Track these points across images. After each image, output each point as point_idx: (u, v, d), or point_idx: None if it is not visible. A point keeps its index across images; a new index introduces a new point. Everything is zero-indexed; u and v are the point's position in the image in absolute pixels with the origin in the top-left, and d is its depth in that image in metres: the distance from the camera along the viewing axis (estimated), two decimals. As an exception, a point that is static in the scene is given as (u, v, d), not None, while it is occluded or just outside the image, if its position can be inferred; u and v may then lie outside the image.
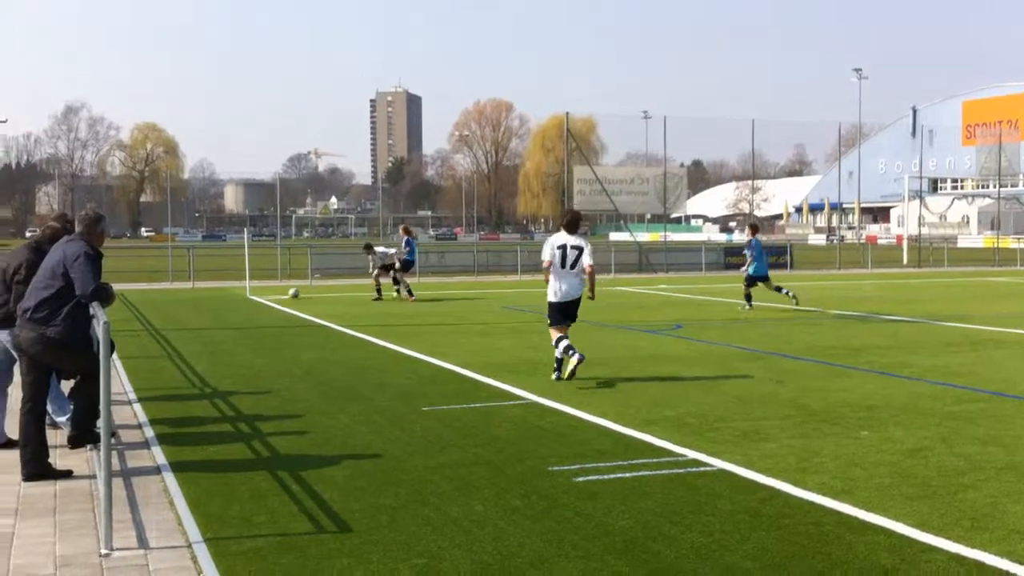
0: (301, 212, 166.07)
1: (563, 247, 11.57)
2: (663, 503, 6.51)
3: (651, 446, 8.16)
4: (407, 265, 25.12)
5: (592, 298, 11.79)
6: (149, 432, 8.89)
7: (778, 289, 21.65)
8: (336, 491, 6.87)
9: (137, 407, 10.08)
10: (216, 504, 6.58)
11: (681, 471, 7.34)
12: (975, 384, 11.17)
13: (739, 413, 9.52)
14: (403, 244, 25.41)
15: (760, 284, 21.40)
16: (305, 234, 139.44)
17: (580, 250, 11.58)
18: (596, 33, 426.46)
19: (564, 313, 11.61)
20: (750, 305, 21.15)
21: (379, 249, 25.85)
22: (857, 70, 77.36)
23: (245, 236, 30.32)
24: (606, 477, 7.16)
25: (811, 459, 7.67)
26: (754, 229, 22.32)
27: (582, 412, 9.56)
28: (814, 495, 6.67)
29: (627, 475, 7.22)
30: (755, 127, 44.32)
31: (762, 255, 21.50)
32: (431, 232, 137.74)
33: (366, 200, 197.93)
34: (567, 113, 42.51)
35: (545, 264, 11.68)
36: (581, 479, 7.11)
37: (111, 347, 6.34)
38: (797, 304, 21.47)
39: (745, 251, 21.79)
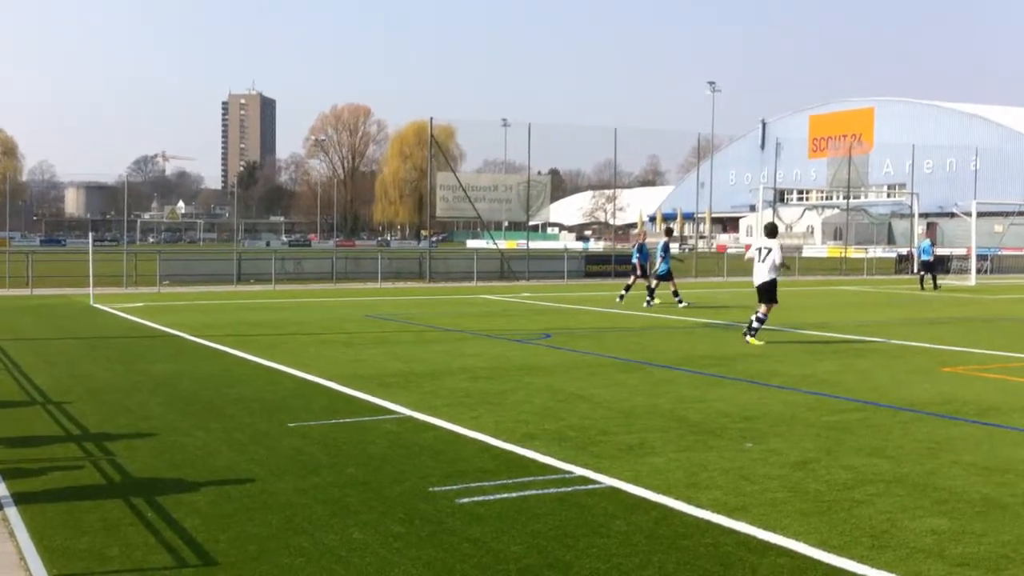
0: (147, 216, 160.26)
1: (759, 248, 16.30)
2: (555, 525, 6.13)
3: (535, 462, 7.79)
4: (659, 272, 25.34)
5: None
6: (-17, 455, 8.04)
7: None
8: (198, 519, 6.25)
9: (-31, 426, 9.16)
10: (63, 535, 5.89)
11: (570, 489, 6.99)
12: (847, 394, 11.21)
13: (620, 426, 9.25)
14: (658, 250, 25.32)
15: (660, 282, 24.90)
16: (151, 239, 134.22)
17: (770, 250, 16.10)
18: (449, 39, 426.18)
19: (758, 293, 16.32)
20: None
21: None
22: (711, 83, 79.19)
23: (89, 241, 28.77)
24: (492, 498, 6.74)
25: (700, 473, 7.43)
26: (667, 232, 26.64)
27: (459, 427, 9.13)
28: (709, 513, 6.41)
29: (514, 495, 6.81)
30: (616, 136, 44.49)
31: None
32: (284, 238, 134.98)
33: (215, 205, 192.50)
34: (431, 118, 41.87)
35: (747, 258, 17.46)
36: (465, 500, 6.68)
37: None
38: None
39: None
